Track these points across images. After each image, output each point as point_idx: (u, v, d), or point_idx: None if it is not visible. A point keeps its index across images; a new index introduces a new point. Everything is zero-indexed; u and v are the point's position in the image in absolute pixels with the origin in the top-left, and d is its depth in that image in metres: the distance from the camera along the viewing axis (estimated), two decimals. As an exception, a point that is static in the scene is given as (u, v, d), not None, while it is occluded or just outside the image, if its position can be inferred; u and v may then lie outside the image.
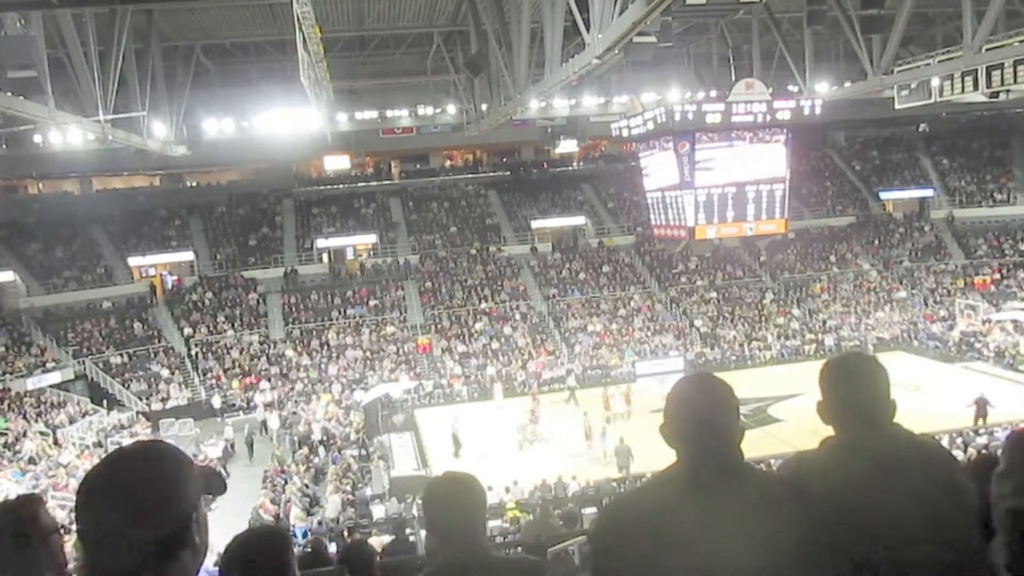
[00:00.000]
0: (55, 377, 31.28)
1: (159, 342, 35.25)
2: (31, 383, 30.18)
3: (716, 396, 2.06)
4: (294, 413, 29.72)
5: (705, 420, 2.02)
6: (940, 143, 49.98)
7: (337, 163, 45.16)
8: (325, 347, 35.49)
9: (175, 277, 39.90)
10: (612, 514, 2.13)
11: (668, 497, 1.97)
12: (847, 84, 29.03)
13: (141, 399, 31.73)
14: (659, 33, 13.88)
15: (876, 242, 43.80)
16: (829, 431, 2.34)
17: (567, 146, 45.15)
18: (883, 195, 47.28)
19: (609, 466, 21.72)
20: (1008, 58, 19.49)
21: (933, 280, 40.83)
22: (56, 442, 26.47)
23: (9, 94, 16.34)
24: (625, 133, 29.64)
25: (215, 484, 1.80)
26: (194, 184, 47.33)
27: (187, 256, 40.75)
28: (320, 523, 19.02)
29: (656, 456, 2.27)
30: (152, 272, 40.30)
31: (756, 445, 21.27)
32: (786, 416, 25.33)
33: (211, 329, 36.14)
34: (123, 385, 32.26)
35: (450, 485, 2.46)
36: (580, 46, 15.36)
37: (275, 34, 27.93)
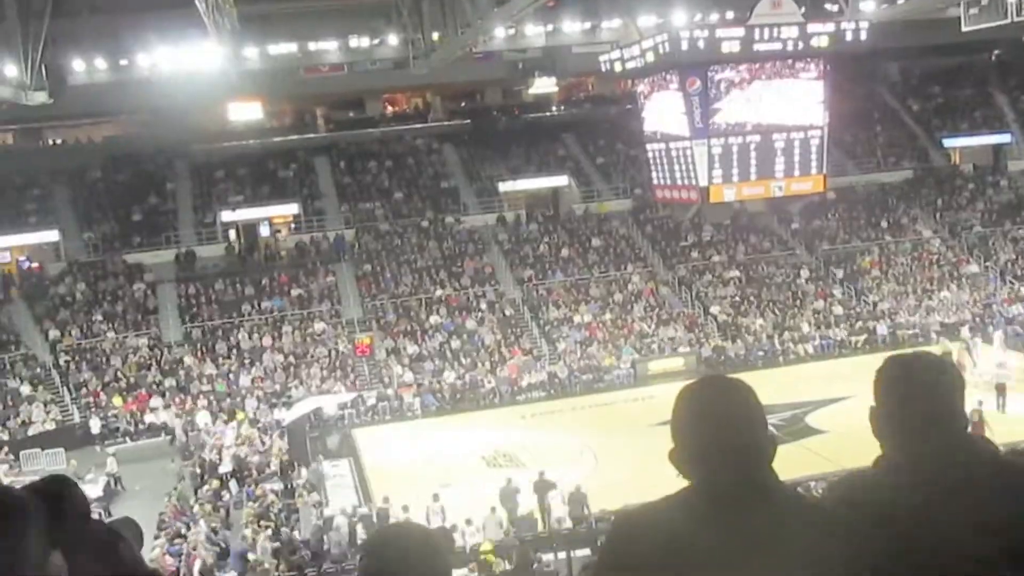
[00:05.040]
0: None
1: (16, 349, 34.82)
2: None
3: (740, 405, 2.08)
4: (195, 437, 29.61)
5: (731, 436, 2.03)
6: (1019, 76, 50.57)
7: (246, 112, 44.91)
8: (235, 351, 35.30)
9: (35, 264, 39.46)
10: (623, 531, 2.15)
11: (686, 519, 2.01)
12: (900, 0, 29.26)
13: (-5, 424, 31.41)
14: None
15: (939, 202, 44.31)
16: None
17: (543, 85, 45.27)
18: (947, 142, 47.83)
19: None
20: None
21: (1012, 250, 41.39)
22: None
23: None
24: (618, 68, 29.72)
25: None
26: (58, 142, 46.89)
27: (51, 236, 40.26)
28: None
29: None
30: (5, 258, 39.79)
31: (792, 463, 21.53)
32: (828, 426, 25.55)
33: (85, 331, 35.79)
34: (-31, 407, 31.91)
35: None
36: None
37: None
